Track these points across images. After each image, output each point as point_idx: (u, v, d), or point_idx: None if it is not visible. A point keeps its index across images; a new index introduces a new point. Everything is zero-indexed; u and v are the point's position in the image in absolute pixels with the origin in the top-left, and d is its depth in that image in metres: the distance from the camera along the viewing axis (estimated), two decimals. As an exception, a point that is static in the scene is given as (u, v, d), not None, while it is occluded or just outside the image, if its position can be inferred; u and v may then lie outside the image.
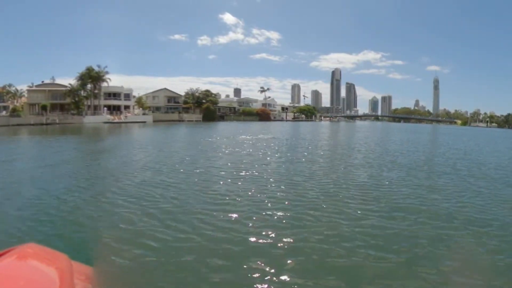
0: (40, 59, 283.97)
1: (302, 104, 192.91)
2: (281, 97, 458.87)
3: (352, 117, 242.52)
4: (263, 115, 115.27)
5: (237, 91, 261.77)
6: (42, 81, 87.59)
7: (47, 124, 67.74)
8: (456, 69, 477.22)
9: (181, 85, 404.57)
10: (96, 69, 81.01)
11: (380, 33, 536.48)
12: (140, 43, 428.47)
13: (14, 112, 74.32)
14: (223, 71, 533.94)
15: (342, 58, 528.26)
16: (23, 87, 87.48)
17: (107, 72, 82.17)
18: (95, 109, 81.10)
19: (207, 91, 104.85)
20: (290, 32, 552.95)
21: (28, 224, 6.91)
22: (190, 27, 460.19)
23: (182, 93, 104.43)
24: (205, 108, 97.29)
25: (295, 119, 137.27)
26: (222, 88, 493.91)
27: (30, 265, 0.79)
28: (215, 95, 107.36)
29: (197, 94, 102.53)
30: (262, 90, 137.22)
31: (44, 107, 77.34)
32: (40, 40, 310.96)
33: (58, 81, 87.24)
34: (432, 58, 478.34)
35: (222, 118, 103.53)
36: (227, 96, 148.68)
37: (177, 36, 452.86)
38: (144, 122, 76.69)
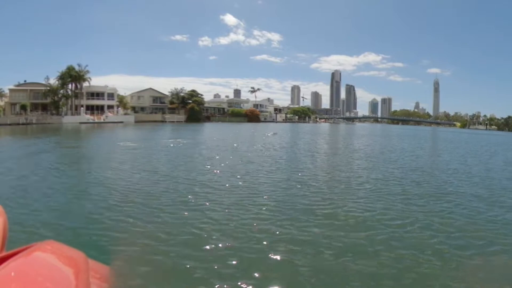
0: (39, 58, 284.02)
1: (302, 105, 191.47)
2: (282, 98, 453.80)
3: (351, 119, 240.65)
4: (252, 116, 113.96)
5: (237, 92, 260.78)
6: (25, 80, 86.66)
7: (23, 124, 66.98)
8: (456, 72, 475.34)
9: (181, 85, 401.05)
10: (77, 68, 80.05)
11: (381, 35, 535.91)
12: (141, 43, 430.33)
13: (-6, 112, 73.43)
14: (224, 72, 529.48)
15: (342, 60, 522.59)
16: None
17: (87, 72, 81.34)
18: (76, 109, 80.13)
19: (193, 91, 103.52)
20: (291, 33, 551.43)
21: (48, 223, 7.11)
22: (191, 27, 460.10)
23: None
24: (190, 109, 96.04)
25: (286, 120, 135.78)
26: (223, 89, 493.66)
27: (48, 262, 0.82)
28: (201, 95, 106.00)
29: (181, 94, 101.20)
30: (253, 91, 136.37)
31: (23, 107, 76.56)
32: (39, 40, 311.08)
33: (53, 81, 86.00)
34: (432, 60, 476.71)
35: (208, 119, 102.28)
36: (227, 96, 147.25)
37: (178, 37, 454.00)
38: (122, 122, 75.53)
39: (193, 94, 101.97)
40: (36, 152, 20.86)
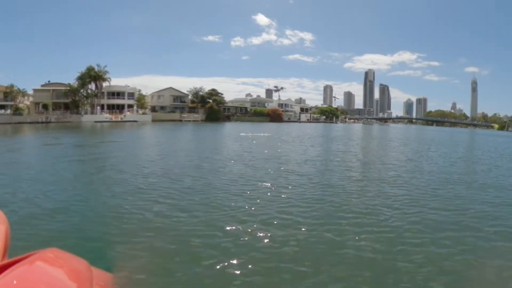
0: (75, 60, 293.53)
1: (334, 105, 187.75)
2: (315, 98, 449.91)
3: (384, 120, 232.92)
4: (274, 115, 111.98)
5: (268, 92, 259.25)
6: (49, 81, 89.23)
7: (42, 122, 68.77)
8: (495, 71, 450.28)
9: (214, 85, 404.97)
10: (96, 68, 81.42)
11: (416, 33, 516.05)
12: (174, 44, 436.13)
13: (17, 111, 75.67)
14: (257, 72, 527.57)
15: (376, 59, 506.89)
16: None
17: (107, 72, 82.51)
18: (94, 108, 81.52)
19: (213, 90, 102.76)
20: (324, 32, 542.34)
21: (51, 229, 6.97)
22: (223, 28, 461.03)
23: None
24: (209, 108, 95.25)
25: (312, 120, 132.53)
26: (255, 88, 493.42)
27: (50, 270, 0.81)
28: (221, 94, 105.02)
29: (200, 93, 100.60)
30: (276, 90, 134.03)
31: (45, 106, 78.84)
32: (74, 41, 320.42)
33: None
34: (470, 59, 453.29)
35: (228, 118, 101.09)
36: (258, 96, 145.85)
37: (210, 37, 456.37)
38: (136, 121, 75.65)
39: (213, 93, 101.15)
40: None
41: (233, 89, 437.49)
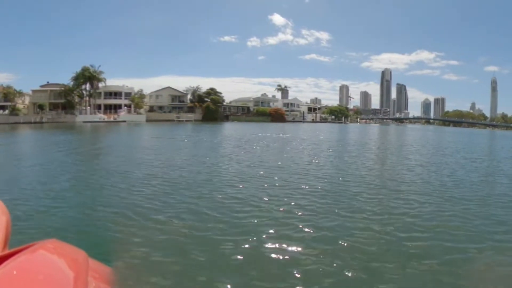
0: (94, 60, 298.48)
1: (349, 105, 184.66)
2: (331, 98, 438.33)
3: (400, 120, 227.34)
4: (276, 115, 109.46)
5: (284, 92, 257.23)
6: (47, 82, 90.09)
7: (35, 122, 69.35)
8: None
9: (231, 85, 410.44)
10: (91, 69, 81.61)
11: (434, 32, 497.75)
12: (191, 44, 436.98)
13: (14, 111, 76.55)
14: (273, 72, 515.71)
15: (394, 59, 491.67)
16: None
17: (102, 72, 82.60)
18: (94, 108, 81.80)
19: (211, 89, 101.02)
20: (340, 32, 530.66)
21: (53, 221, 7.15)
22: (239, 28, 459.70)
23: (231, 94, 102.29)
24: (205, 107, 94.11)
25: (318, 120, 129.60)
26: (272, 88, 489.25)
27: (48, 261, 0.85)
28: (220, 93, 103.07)
29: (197, 92, 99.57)
30: (280, 89, 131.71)
31: (40, 106, 79.41)
32: (94, 42, 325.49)
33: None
34: (490, 57, 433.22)
35: (227, 118, 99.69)
36: (273, 96, 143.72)
37: (227, 38, 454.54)
38: (125, 121, 75.22)
39: (211, 92, 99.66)
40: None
41: (250, 89, 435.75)
